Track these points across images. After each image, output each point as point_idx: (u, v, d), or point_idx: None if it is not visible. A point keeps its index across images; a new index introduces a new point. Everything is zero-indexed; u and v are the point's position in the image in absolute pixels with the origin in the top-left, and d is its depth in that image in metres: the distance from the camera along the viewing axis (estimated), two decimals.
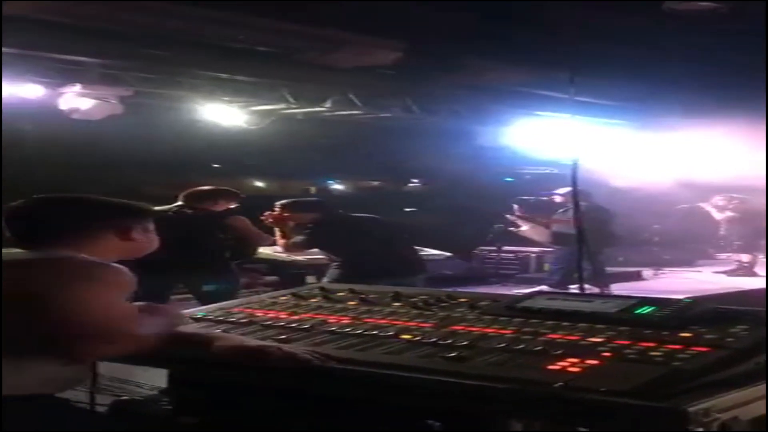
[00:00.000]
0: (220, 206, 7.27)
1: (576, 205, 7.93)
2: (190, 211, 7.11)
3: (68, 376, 2.46)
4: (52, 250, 2.58)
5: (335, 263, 7.23)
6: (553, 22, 8.40)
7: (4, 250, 2.60)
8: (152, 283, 6.46)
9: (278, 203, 7.48)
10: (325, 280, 7.06)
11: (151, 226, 2.91)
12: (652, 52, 10.07)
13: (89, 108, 10.52)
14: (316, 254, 8.59)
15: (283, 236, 7.38)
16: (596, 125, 13.65)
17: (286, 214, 7.33)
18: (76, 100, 10.47)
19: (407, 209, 16.26)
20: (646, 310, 2.66)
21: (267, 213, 7.39)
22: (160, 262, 3.27)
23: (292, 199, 7.69)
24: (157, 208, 6.89)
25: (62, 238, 2.64)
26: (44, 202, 2.83)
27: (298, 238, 7.32)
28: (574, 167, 7.27)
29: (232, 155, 15.17)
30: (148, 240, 2.88)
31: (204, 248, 6.96)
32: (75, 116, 10.61)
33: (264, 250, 8.87)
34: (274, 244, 7.76)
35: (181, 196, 7.21)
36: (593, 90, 11.14)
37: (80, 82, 10.35)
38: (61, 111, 10.57)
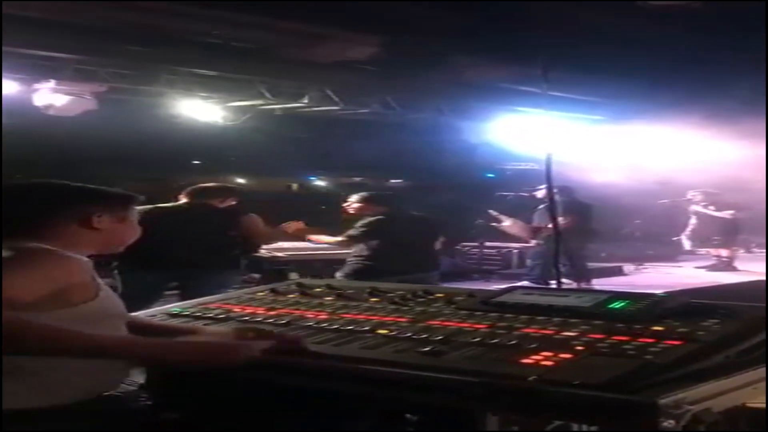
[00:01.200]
0: (226, 203, 7.28)
1: (552, 200, 7.97)
2: (202, 208, 7.09)
3: None
4: (19, 242, 2.44)
5: (355, 259, 7.45)
6: (528, 16, 8.44)
7: None
8: (156, 278, 6.56)
9: (359, 195, 7.85)
10: (338, 275, 7.24)
11: (128, 215, 2.75)
12: (627, 48, 10.12)
13: (64, 104, 10.48)
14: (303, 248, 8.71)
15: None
16: (574, 121, 13.72)
17: (363, 206, 7.70)
18: (50, 96, 10.42)
19: None
20: (620, 304, 2.68)
21: (348, 203, 7.82)
22: (168, 256, 3.20)
23: (372, 192, 8.07)
24: (166, 204, 6.99)
25: (25, 227, 2.52)
26: (7, 190, 2.70)
27: (356, 231, 7.52)
28: (548, 162, 7.31)
29: (210, 151, 15.14)
30: (119, 230, 2.71)
31: (217, 245, 6.90)
32: (50, 112, 10.57)
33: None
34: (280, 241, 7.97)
35: (185, 193, 7.16)
36: (568, 85, 11.20)
37: (55, 78, 10.30)
38: (36, 107, 10.51)
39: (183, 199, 7.15)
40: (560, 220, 8.31)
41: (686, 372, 2.09)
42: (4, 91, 10.01)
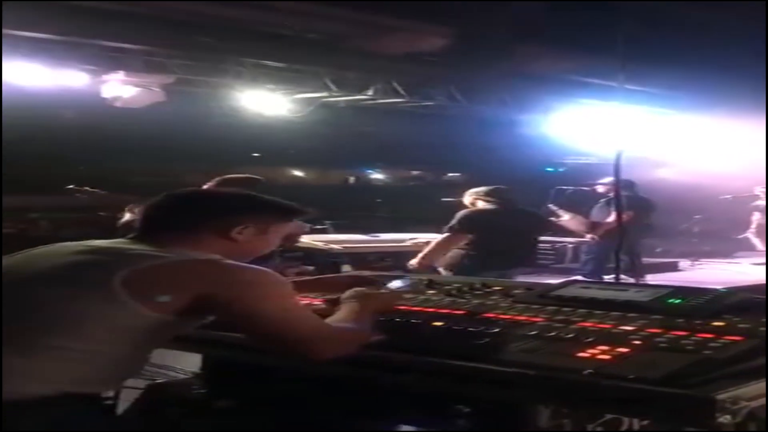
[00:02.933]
0: None
1: (618, 195, 7.90)
2: None
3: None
4: (169, 249, 2.41)
5: (456, 252, 7.36)
6: (606, 8, 8.31)
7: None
8: None
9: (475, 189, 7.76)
10: (441, 264, 7.25)
11: (277, 228, 2.73)
12: (700, 40, 9.95)
13: (132, 96, 10.61)
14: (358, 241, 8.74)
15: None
16: (643, 113, 13.53)
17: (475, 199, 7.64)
18: (119, 87, 10.55)
19: (445, 199, 16.27)
20: (680, 299, 2.65)
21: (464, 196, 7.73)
22: None
23: (488, 187, 7.92)
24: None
25: (172, 235, 2.49)
26: (186, 198, 2.71)
27: (455, 223, 7.45)
28: (618, 157, 7.23)
29: (272, 143, 15.24)
30: (256, 242, 2.67)
31: None
32: (118, 104, 10.71)
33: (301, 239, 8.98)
34: (310, 233, 7.89)
35: (213, 184, 7.00)
36: (642, 78, 11.04)
37: (124, 70, 10.42)
38: (104, 99, 10.67)
39: None
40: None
41: (745, 368, 2.05)
42: (72, 83, 10.19)
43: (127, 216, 6.45)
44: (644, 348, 2.22)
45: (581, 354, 2.19)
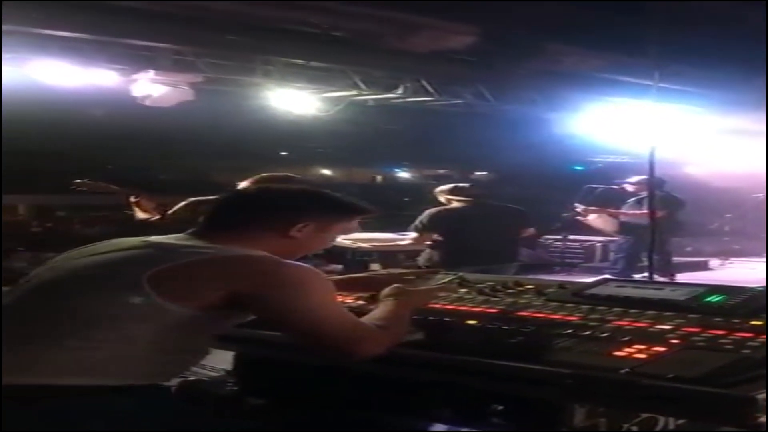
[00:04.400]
0: None
1: (651, 194, 7.86)
2: None
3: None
4: (233, 246, 2.42)
5: (433, 246, 7.49)
6: (642, 7, 8.26)
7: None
8: None
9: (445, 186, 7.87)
10: (419, 260, 7.30)
11: (336, 226, 2.73)
12: (739, 38, 9.84)
13: (161, 95, 10.64)
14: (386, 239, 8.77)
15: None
16: (675, 111, 13.43)
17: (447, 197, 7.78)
18: (148, 86, 10.60)
19: None
20: (717, 297, 2.62)
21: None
22: None
23: (455, 184, 8.05)
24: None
25: (231, 232, 2.49)
26: (258, 194, 2.74)
27: (419, 223, 7.61)
28: (652, 155, 7.18)
29: (300, 142, 15.27)
30: (313, 240, 2.64)
31: None
32: (147, 103, 10.75)
33: None
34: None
35: (249, 183, 7.03)
36: (679, 76, 10.95)
37: (154, 69, 10.46)
38: (134, 97, 10.71)
39: None
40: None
41: None
42: (103, 82, 10.24)
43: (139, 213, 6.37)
44: (681, 347, 2.20)
45: (617, 353, 2.18)
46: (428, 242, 7.63)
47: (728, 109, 13.40)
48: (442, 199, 7.80)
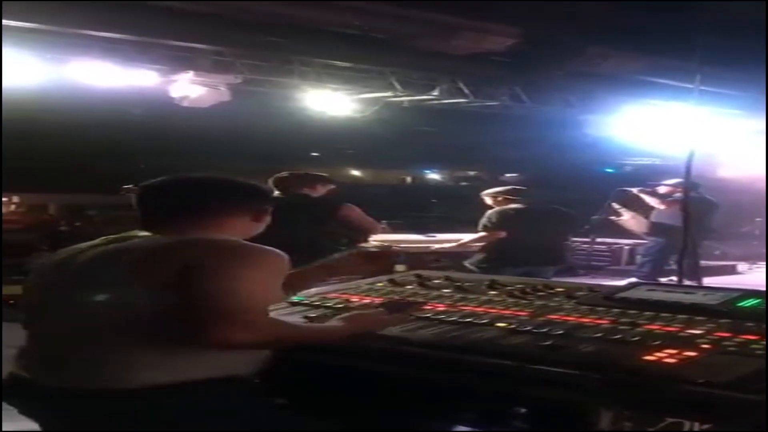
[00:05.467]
0: (318, 192, 7.02)
1: (686, 196, 7.78)
2: (293, 198, 6.78)
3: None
4: (187, 232, 2.52)
5: (489, 248, 7.59)
6: (683, 9, 8.19)
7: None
8: None
9: (496, 189, 7.98)
10: (467, 263, 7.34)
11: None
12: None
13: (199, 95, 10.69)
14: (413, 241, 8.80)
15: None
16: (711, 114, 13.30)
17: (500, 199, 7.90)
18: (186, 87, 10.66)
19: None
20: (750, 302, 2.60)
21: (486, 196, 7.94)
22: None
23: (508, 186, 8.21)
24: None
25: (199, 219, 2.58)
26: (182, 182, 2.73)
27: (486, 221, 7.69)
28: (690, 157, 7.11)
29: (332, 143, 15.30)
30: (265, 224, 2.78)
31: (312, 236, 6.53)
32: (184, 103, 10.81)
33: None
34: (383, 231, 7.95)
35: (270, 181, 6.70)
36: (717, 79, 10.84)
37: (193, 70, 10.52)
38: (172, 98, 10.78)
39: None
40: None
41: None
42: (143, 83, 10.31)
43: None
44: (712, 352, 2.18)
45: (648, 357, 2.16)
46: (482, 243, 7.67)
47: (761, 111, 13.25)
48: (489, 201, 7.84)
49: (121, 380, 2.31)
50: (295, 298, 3.06)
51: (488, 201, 7.91)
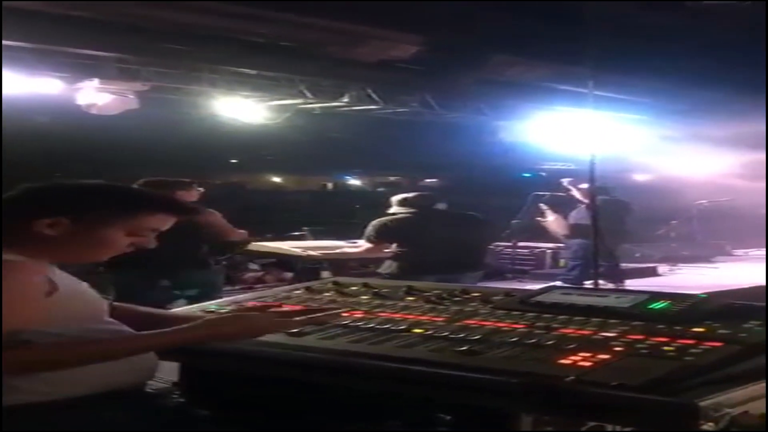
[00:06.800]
0: (185, 198, 6.63)
1: (593, 200, 7.94)
2: None
3: None
4: None
5: (392, 257, 7.49)
6: (578, 17, 8.37)
7: None
8: (134, 280, 6.34)
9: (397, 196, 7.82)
10: (380, 270, 7.29)
11: None
12: (675, 48, 10.01)
13: (106, 103, 10.57)
14: (338, 248, 8.79)
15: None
16: (618, 120, 13.62)
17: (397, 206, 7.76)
18: (94, 94, 10.50)
19: None
20: (660, 305, 2.65)
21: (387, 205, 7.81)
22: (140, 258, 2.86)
23: (404, 194, 7.93)
24: None
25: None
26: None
27: (369, 232, 7.59)
28: (592, 162, 7.27)
29: (248, 150, 15.20)
30: None
31: (180, 242, 5.90)
32: (93, 111, 10.66)
33: (276, 245, 8.96)
34: (246, 239, 7.80)
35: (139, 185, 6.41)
36: (614, 85, 11.10)
37: (98, 77, 10.37)
38: (79, 106, 10.60)
39: None
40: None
41: (727, 374, 2.05)
42: (47, 90, 10.12)
43: None
44: (625, 354, 2.22)
45: (563, 361, 2.19)
46: (386, 251, 7.63)
47: (671, 116, 13.64)
48: (396, 208, 7.77)
49: None
50: (210, 307, 3.02)
51: (395, 208, 7.78)
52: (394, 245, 7.52)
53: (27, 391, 2.23)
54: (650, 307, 2.64)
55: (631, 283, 10.93)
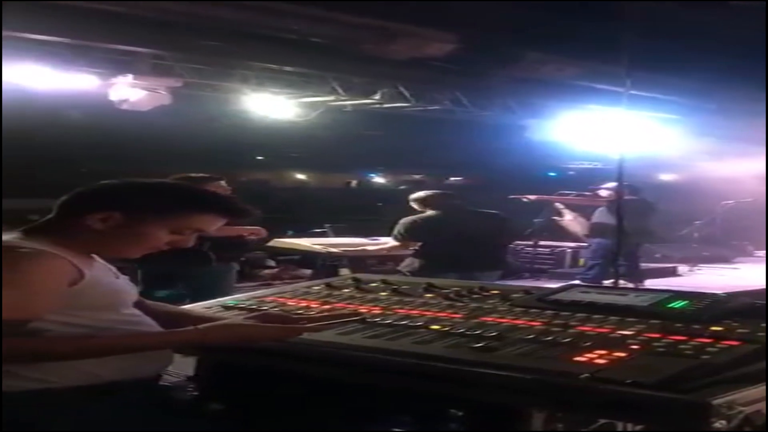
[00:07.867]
0: None
1: (620, 199, 7.89)
2: None
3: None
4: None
5: (414, 254, 7.49)
6: (614, 15, 8.31)
7: None
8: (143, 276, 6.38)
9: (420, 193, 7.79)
10: (401, 267, 7.29)
11: None
12: (710, 46, 9.90)
13: (138, 99, 10.62)
14: (359, 245, 8.79)
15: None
16: (648, 119, 13.53)
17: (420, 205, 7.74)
18: (126, 90, 10.57)
19: None
20: (679, 303, 2.64)
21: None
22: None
23: (429, 191, 7.93)
24: None
25: None
26: None
27: (397, 231, 7.58)
28: (621, 161, 7.23)
29: (277, 147, 15.25)
30: None
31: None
32: (124, 107, 10.72)
33: (297, 242, 8.98)
34: (262, 237, 7.76)
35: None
36: (648, 83, 11.01)
37: (132, 73, 10.44)
38: (111, 101, 10.68)
39: None
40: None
41: (742, 373, 2.04)
42: (82, 86, 10.21)
43: None
44: (642, 352, 2.21)
45: (578, 358, 2.18)
46: (411, 249, 7.63)
47: (699, 116, 13.52)
48: (415, 206, 7.77)
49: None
50: (229, 302, 3.04)
51: (415, 206, 7.78)
52: (420, 243, 7.52)
53: (25, 377, 2.24)
54: (669, 305, 2.63)
55: (650, 283, 10.87)
